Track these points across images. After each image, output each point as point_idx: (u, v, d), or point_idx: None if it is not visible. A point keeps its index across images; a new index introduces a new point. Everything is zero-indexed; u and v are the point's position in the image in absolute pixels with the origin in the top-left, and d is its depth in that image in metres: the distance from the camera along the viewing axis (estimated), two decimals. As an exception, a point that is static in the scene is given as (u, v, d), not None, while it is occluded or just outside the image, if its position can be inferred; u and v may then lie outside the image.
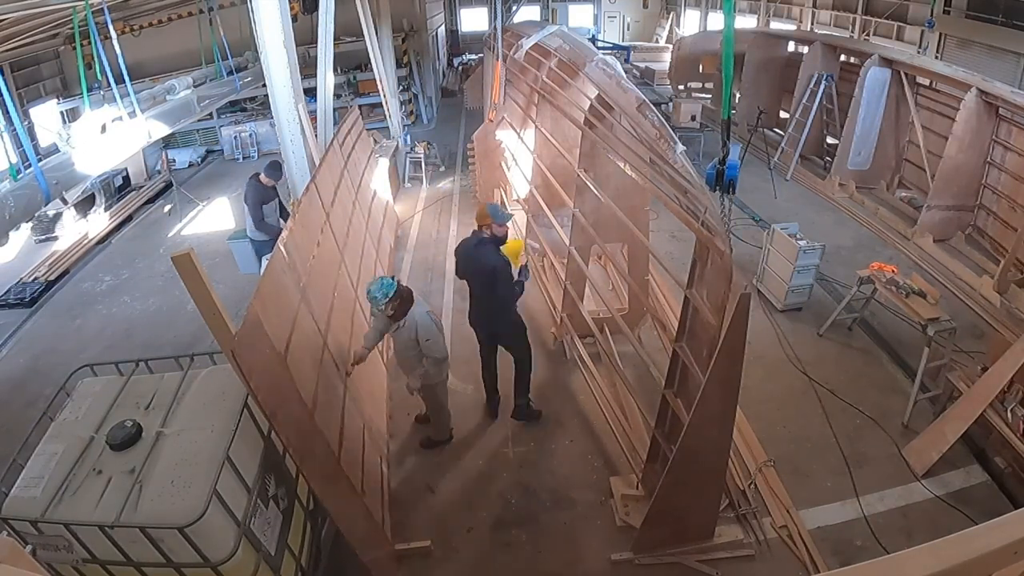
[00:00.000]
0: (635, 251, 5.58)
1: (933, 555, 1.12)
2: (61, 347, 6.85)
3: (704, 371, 3.24)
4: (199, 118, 10.38)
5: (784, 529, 4.11)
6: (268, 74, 5.19)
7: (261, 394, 2.78)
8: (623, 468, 4.62)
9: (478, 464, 4.82)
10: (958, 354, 5.24)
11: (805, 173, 10.30)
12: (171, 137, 12.53)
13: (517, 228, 8.58)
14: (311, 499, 3.73)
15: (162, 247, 9.31)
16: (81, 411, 3.34)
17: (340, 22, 7.24)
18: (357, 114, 9.15)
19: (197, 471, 2.84)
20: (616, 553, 3.98)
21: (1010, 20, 9.64)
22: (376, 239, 7.39)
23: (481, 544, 4.17)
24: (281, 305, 3.55)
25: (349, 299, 5.28)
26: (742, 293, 2.87)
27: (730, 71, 3.64)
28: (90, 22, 7.23)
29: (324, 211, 5.25)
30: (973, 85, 7.30)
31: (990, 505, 4.20)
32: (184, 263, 2.49)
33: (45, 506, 2.78)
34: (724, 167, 3.96)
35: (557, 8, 25.50)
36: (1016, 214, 7.18)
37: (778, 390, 5.43)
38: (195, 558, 2.71)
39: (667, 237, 7.80)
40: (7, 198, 5.47)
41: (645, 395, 4.81)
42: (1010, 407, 4.19)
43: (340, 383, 4.26)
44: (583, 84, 5.85)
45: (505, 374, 5.14)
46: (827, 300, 6.67)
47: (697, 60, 14.46)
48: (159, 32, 13.07)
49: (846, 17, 13.89)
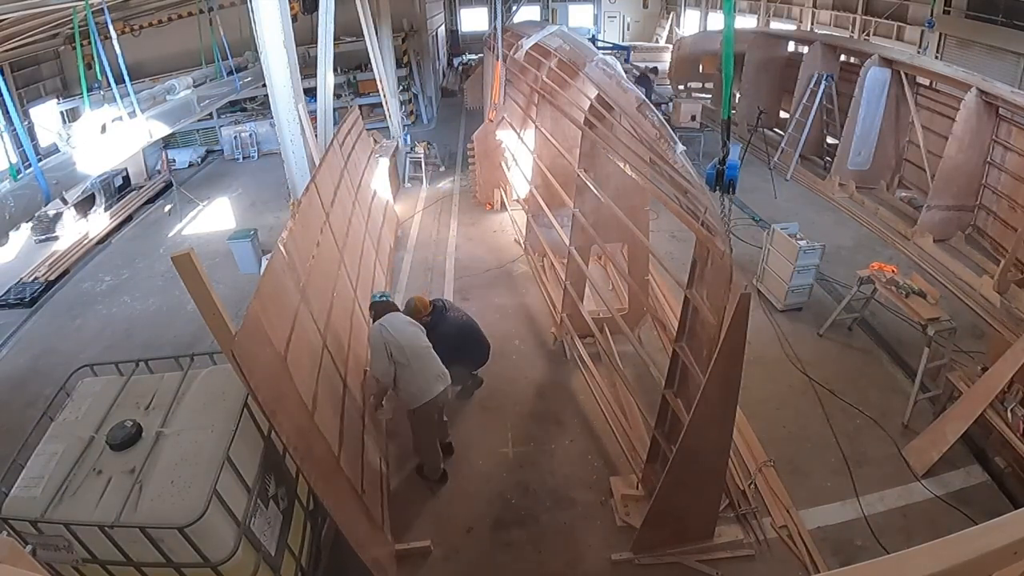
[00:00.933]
0: (635, 251, 5.58)
1: (933, 555, 1.12)
2: (61, 347, 6.85)
3: (704, 371, 3.24)
4: (199, 118, 10.39)
5: (784, 529, 4.10)
6: (268, 74, 5.20)
7: (261, 394, 2.78)
8: (623, 468, 4.62)
9: (478, 464, 4.82)
10: (958, 354, 5.24)
11: (805, 173, 10.30)
12: (171, 137, 12.53)
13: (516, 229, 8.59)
14: (311, 499, 3.72)
15: (162, 247, 9.31)
16: (81, 411, 3.34)
17: (340, 22, 7.24)
18: (357, 114, 9.15)
19: (197, 471, 2.83)
20: (616, 553, 3.98)
21: (1010, 20, 9.63)
22: (376, 239, 7.39)
23: (481, 544, 4.17)
24: (281, 305, 3.55)
25: (349, 299, 5.28)
26: (742, 293, 2.87)
27: (730, 71, 3.64)
28: (90, 22, 7.23)
29: (324, 211, 5.25)
30: (973, 85, 7.30)
31: (990, 505, 4.20)
32: (184, 263, 2.49)
33: (45, 506, 2.78)
34: (724, 167, 3.95)
35: (557, 8, 25.48)
36: (1016, 214, 7.18)
37: (778, 390, 5.43)
38: (195, 558, 2.71)
39: (667, 237, 7.80)
40: (7, 198, 5.48)
41: (645, 395, 4.81)
42: (1010, 407, 4.19)
43: (340, 383, 4.27)
44: (583, 84, 5.85)
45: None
46: (827, 300, 6.67)
47: (697, 60, 14.46)
48: (159, 32, 13.08)
49: (846, 17, 13.88)
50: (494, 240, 8.70)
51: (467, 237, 8.83)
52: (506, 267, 7.85)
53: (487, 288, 7.38)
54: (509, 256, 8.12)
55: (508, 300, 7.08)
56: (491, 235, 8.84)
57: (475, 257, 8.21)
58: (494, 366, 5.91)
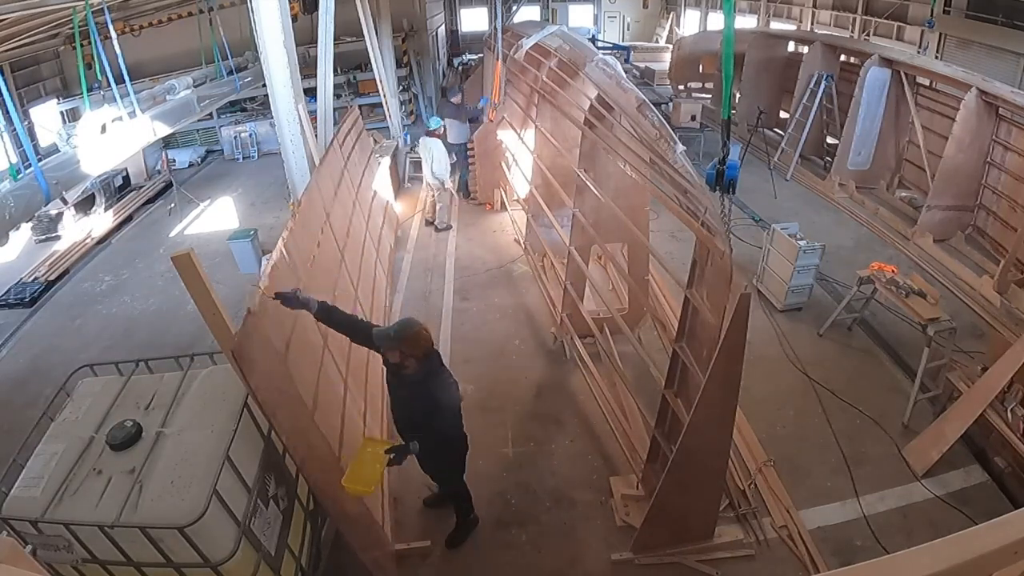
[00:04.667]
0: (635, 251, 5.57)
1: (933, 555, 1.12)
2: (61, 347, 6.84)
3: (704, 371, 3.24)
4: (199, 118, 10.38)
5: (784, 529, 4.10)
6: (268, 74, 5.19)
7: (261, 394, 2.78)
8: (623, 468, 4.62)
9: (478, 464, 4.80)
10: (958, 354, 5.23)
11: (805, 173, 10.30)
12: (171, 137, 12.52)
13: (516, 229, 8.58)
14: (311, 499, 3.72)
15: (162, 247, 9.30)
16: (81, 411, 3.34)
17: (340, 22, 7.23)
18: (357, 114, 9.14)
19: (197, 471, 2.83)
20: (616, 553, 3.98)
21: (1010, 20, 9.64)
22: (376, 239, 7.39)
23: (481, 544, 4.17)
24: (281, 305, 3.54)
25: (350, 298, 5.27)
26: (742, 293, 2.87)
27: (730, 71, 3.64)
28: (90, 22, 7.24)
29: (324, 211, 5.25)
30: (973, 85, 7.30)
31: (990, 505, 4.20)
32: (184, 263, 2.49)
33: (45, 506, 2.78)
34: (724, 167, 3.95)
35: (557, 8, 25.44)
36: (1016, 214, 7.17)
37: (778, 390, 5.43)
38: (195, 558, 2.71)
39: (667, 237, 7.79)
40: (7, 198, 5.48)
41: (645, 395, 4.80)
42: (1010, 407, 4.19)
43: (340, 383, 4.26)
44: (583, 84, 5.85)
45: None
46: (827, 300, 6.67)
47: (697, 60, 14.45)
48: (159, 32, 13.07)
49: (846, 17, 13.88)
50: (494, 240, 8.70)
51: (467, 237, 8.82)
52: (506, 267, 7.85)
53: (487, 288, 7.38)
54: (509, 256, 8.11)
55: (508, 300, 7.08)
56: (491, 235, 8.84)
57: (475, 257, 8.21)
58: (494, 366, 5.92)
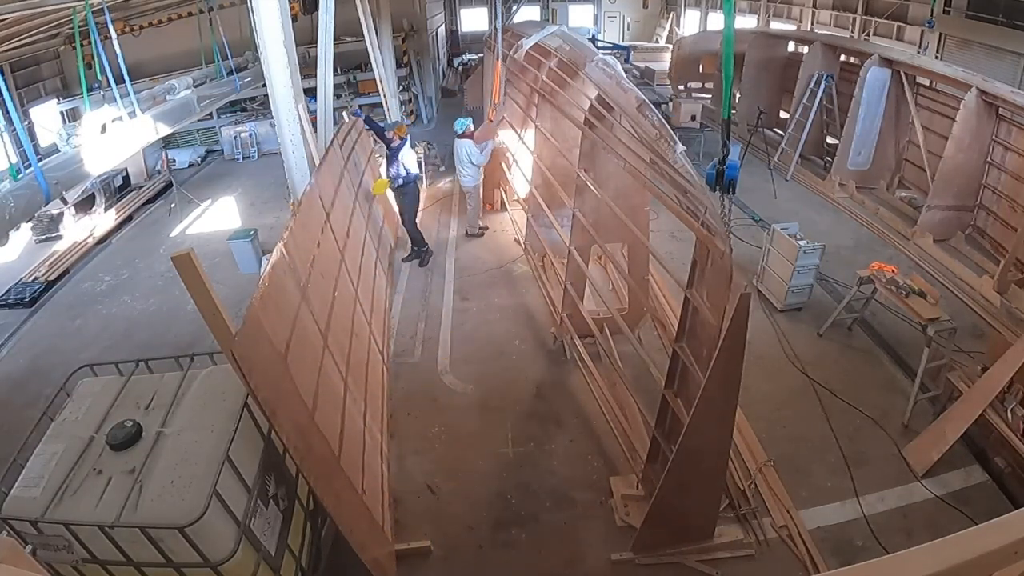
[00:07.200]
0: (635, 251, 5.57)
1: (933, 555, 1.12)
2: (61, 347, 6.85)
3: (704, 371, 3.24)
4: (199, 118, 10.38)
5: (784, 529, 4.11)
6: (268, 74, 5.18)
7: (261, 394, 2.78)
8: (623, 468, 4.62)
9: (478, 464, 4.82)
10: (958, 354, 5.24)
11: (805, 173, 10.30)
12: (171, 137, 12.53)
13: (516, 229, 8.59)
14: (311, 499, 3.72)
15: (162, 247, 9.31)
16: (81, 411, 3.34)
17: (340, 22, 7.23)
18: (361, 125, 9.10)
19: (197, 471, 2.83)
20: (616, 553, 3.98)
21: (1010, 20, 9.63)
22: (376, 239, 7.39)
23: (481, 544, 4.17)
24: (281, 305, 3.55)
25: (350, 298, 5.28)
26: (742, 293, 2.87)
27: (730, 71, 3.64)
28: (90, 22, 7.23)
29: (324, 211, 5.25)
30: (973, 85, 7.30)
31: (990, 505, 4.20)
32: (184, 263, 2.49)
33: (45, 506, 2.78)
34: (724, 167, 3.95)
35: (557, 8, 25.45)
36: (1016, 214, 7.17)
37: (778, 390, 5.43)
38: (195, 558, 2.71)
39: (667, 237, 7.79)
40: (7, 198, 5.47)
41: (645, 395, 4.80)
42: (1010, 407, 4.19)
43: (340, 383, 4.27)
44: (583, 84, 5.85)
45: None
46: (827, 300, 6.67)
47: (697, 60, 14.44)
48: (159, 32, 13.07)
49: (846, 17, 13.88)
50: (494, 240, 8.70)
51: (467, 237, 8.83)
52: (506, 267, 7.85)
53: (487, 288, 7.38)
54: (509, 256, 8.12)
55: (508, 300, 7.08)
56: (491, 235, 8.84)
57: (475, 257, 8.21)
58: (494, 366, 5.92)
